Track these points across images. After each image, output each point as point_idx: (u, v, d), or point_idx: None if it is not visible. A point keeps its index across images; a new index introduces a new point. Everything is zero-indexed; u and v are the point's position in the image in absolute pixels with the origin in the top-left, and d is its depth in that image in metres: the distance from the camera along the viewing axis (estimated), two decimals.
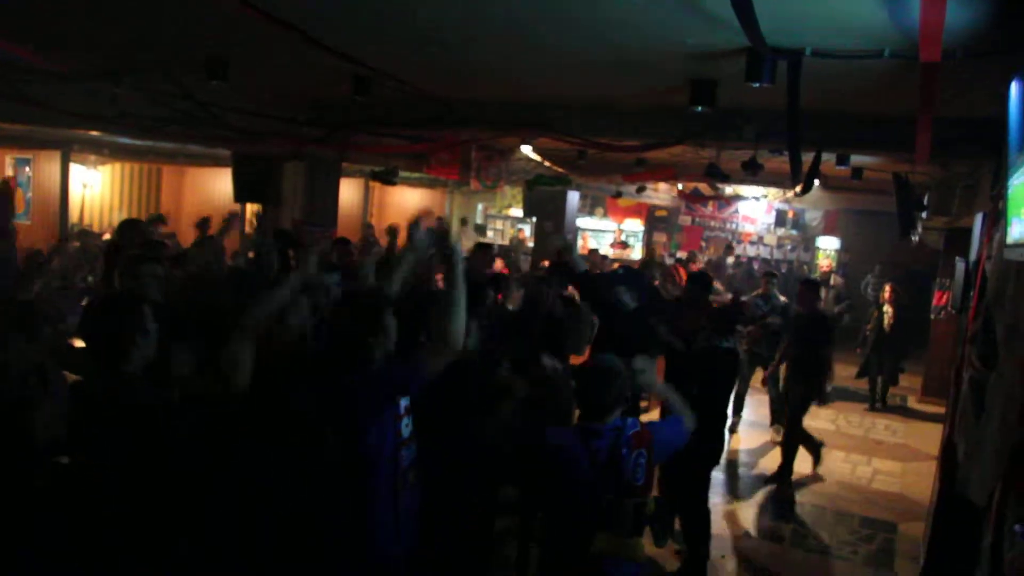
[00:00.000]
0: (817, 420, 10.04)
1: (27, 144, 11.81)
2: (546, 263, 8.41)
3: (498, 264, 10.71)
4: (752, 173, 8.03)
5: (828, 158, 7.95)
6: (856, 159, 8.83)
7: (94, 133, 10.20)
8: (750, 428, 9.46)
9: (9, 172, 13.29)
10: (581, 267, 6.03)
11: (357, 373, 3.25)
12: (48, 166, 12.70)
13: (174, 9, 4.89)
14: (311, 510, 3.29)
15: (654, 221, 19.88)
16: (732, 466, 8.21)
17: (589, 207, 19.35)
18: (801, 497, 7.44)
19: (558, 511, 3.41)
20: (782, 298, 9.40)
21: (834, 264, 16.86)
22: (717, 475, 6.92)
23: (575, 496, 3.29)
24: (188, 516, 2.94)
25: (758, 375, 9.03)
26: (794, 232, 18.62)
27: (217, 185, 15.08)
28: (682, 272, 9.96)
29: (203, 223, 6.31)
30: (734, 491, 7.55)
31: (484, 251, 7.91)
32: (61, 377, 3.37)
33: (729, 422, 8.53)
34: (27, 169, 13.28)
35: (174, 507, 2.88)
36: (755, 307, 8.82)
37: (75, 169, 13.07)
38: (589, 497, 3.25)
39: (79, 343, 6.08)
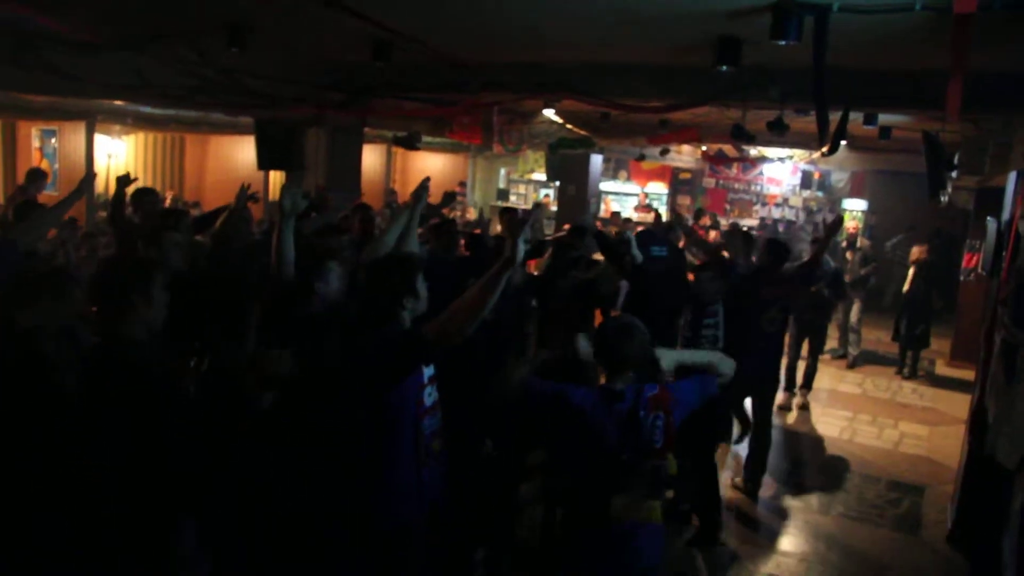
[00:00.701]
0: (844, 384, 10.02)
1: (52, 115, 11.84)
2: (567, 226, 8.35)
3: None
4: (778, 133, 7.92)
5: (855, 117, 7.81)
6: (884, 118, 8.68)
7: (118, 103, 10.22)
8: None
9: (36, 143, 13.37)
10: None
11: (385, 331, 3.25)
12: (73, 137, 12.75)
13: None
14: (330, 472, 3.31)
15: (678, 184, 19.72)
16: None
17: (612, 170, 19.19)
18: (827, 460, 7.42)
19: (579, 472, 3.39)
20: (832, 263, 9.11)
21: (861, 226, 16.65)
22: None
23: (596, 458, 3.27)
24: (199, 480, 2.96)
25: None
26: (820, 194, 18.39)
27: (240, 153, 15.12)
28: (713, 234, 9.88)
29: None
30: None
31: (510, 216, 7.86)
32: (89, 339, 3.40)
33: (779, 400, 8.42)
34: (53, 140, 13.35)
35: (180, 471, 2.89)
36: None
37: (100, 139, 13.10)
38: (609, 459, 3.24)
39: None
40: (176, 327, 3.35)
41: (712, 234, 13.72)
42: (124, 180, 5.61)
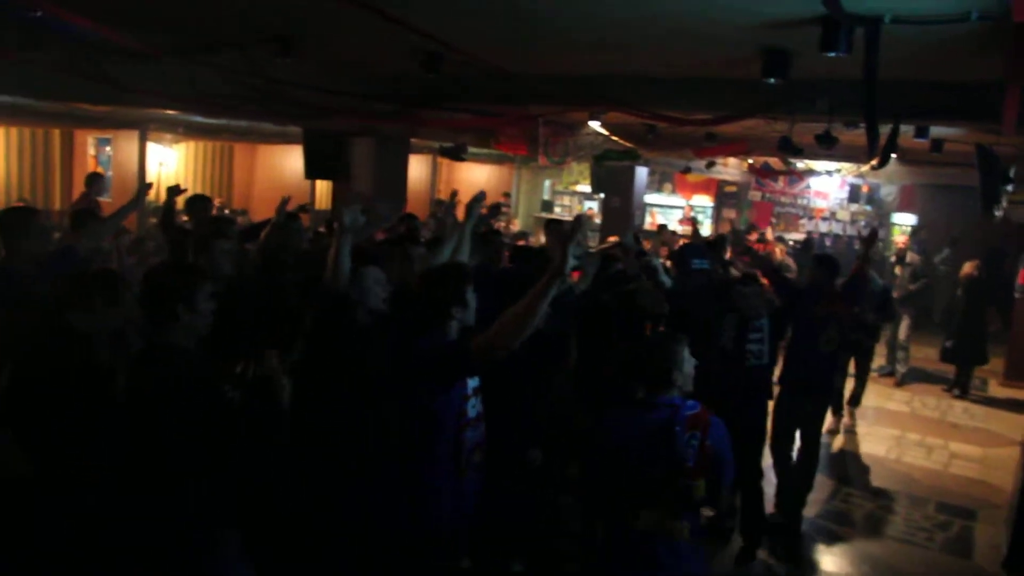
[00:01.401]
0: (891, 402, 9.83)
1: (107, 124, 12.12)
2: (612, 239, 8.31)
3: None
4: (826, 147, 7.82)
5: (906, 130, 7.68)
6: (936, 130, 8.52)
7: (170, 112, 10.43)
8: None
9: (91, 151, 13.70)
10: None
11: (431, 339, 3.27)
12: (127, 145, 13.01)
13: None
14: (371, 479, 3.33)
15: (723, 197, 19.54)
16: None
17: (657, 183, 19.09)
18: (873, 480, 7.27)
19: (609, 484, 3.36)
20: (881, 281, 8.80)
21: (910, 241, 16.36)
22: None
23: (623, 470, 3.25)
24: (239, 486, 2.99)
25: None
26: (868, 208, 18.09)
27: (288, 163, 15.32)
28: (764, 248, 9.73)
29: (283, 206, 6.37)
30: None
31: (557, 227, 7.87)
32: (139, 343, 3.47)
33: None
34: (107, 148, 13.66)
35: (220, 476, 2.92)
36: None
37: (152, 148, 13.35)
38: (636, 472, 3.20)
39: None
40: (223, 334, 3.41)
41: (778, 250, 13.56)
42: (174, 190, 5.71)
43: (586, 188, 18.50)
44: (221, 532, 2.99)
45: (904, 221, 17.44)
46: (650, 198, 18.04)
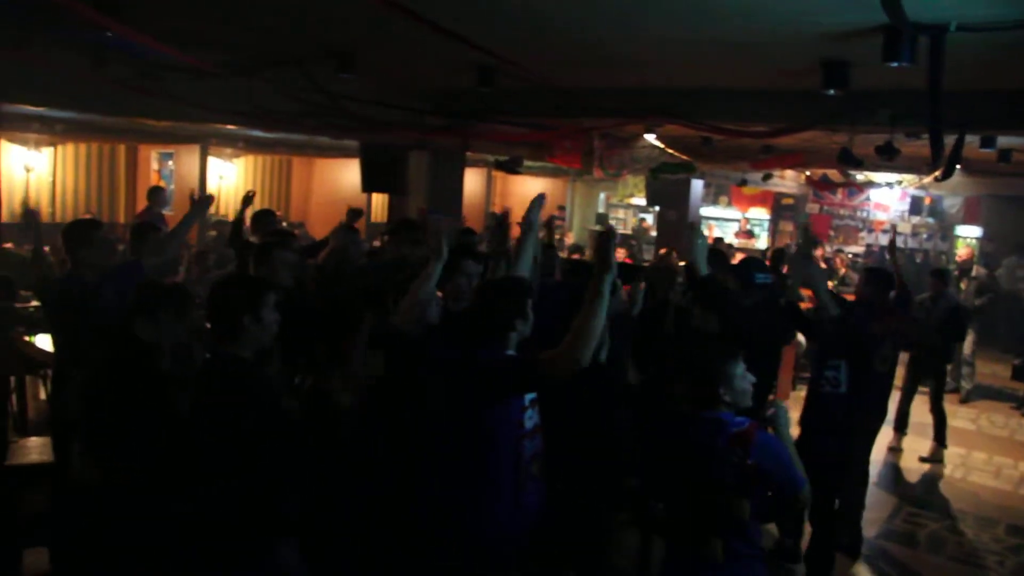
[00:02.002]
0: (956, 420, 9.53)
1: (170, 139, 12.47)
2: (663, 251, 8.23)
3: (620, 253, 10.61)
4: (888, 158, 7.67)
5: (971, 140, 7.50)
6: (1003, 140, 8.31)
7: (231, 127, 10.67)
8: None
9: (154, 166, 14.08)
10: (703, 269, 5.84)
11: (491, 352, 3.27)
12: (188, 159, 13.35)
13: (307, 7, 5.03)
14: (428, 488, 3.34)
15: (780, 209, 19.29)
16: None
17: (713, 196, 18.94)
18: (938, 500, 7.07)
19: (658, 499, 3.33)
20: (954, 297, 8.51)
21: (976, 253, 15.93)
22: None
23: (667, 486, 3.22)
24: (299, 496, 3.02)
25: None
26: (930, 220, 17.69)
27: (344, 176, 15.52)
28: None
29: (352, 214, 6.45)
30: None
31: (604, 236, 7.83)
32: (203, 355, 3.54)
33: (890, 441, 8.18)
34: (170, 163, 14.04)
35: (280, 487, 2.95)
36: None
37: (212, 162, 13.67)
38: (677, 487, 3.16)
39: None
40: (283, 345, 3.45)
41: (838, 261, 13.36)
42: (247, 200, 5.79)
43: (641, 201, 18.42)
44: (279, 541, 3.02)
45: (968, 233, 17.01)
46: (706, 211, 17.89)
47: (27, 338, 6.37)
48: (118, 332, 3.51)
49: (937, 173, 8.47)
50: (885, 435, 7.74)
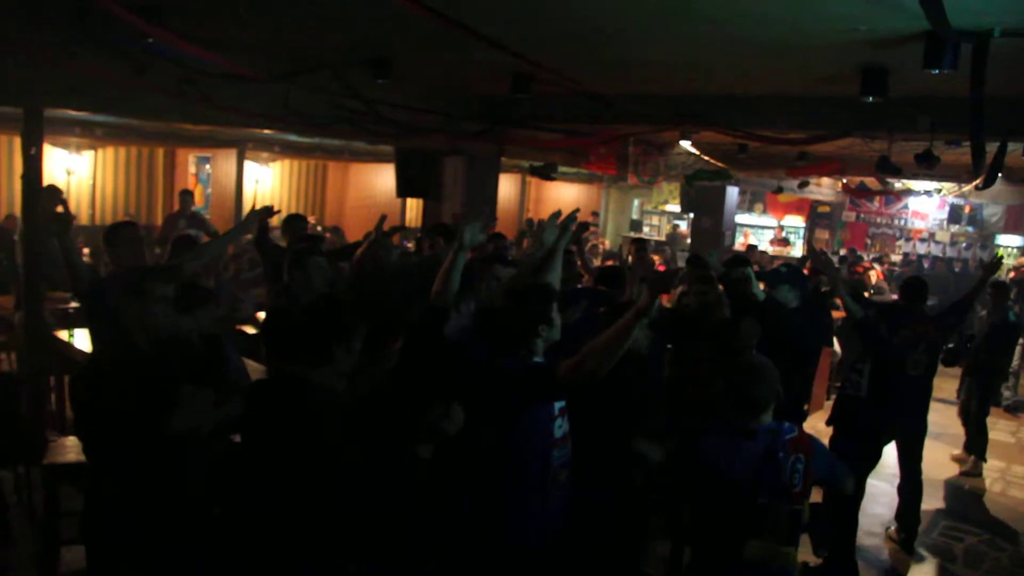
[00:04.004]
0: (995, 432, 9.36)
1: (207, 143, 12.63)
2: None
3: (655, 259, 10.58)
4: (928, 166, 7.55)
5: (1014, 148, 7.37)
6: None
7: (267, 132, 10.78)
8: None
9: (192, 169, 14.27)
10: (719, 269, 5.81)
11: (516, 359, 3.27)
12: (225, 163, 13.52)
13: (346, 14, 5.08)
14: (455, 495, 3.33)
15: (816, 217, 19.12)
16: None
17: (748, 203, 18.83)
18: (977, 514, 6.95)
19: (711, 513, 3.32)
20: (1014, 314, 8.31)
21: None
22: (884, 486, 6.59)
23: (726, 498, 3.20)
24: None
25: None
26: (970, 229, 17.43)
27: (379, 181, 15.63)
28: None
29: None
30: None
31: (640, 247, 7.82)
32: (236, 353, 3.57)
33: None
34: (207, 167, 14.22)
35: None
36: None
37: (248, 166, 13.83)
38: (741, 500, 3.15)
39: (250, 330, 6.47)
40: None
41: (874, 273, 13.14)
42: (267, 211, 5.92)
43: (675, 208, 18.37)
44: (342, 560, 2.96)
45: (1010, 243, 16.73)
46: (741, 218, 17.80)
47: (66, 337, 6.47)
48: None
49: (978, 181, 8.34)
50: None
